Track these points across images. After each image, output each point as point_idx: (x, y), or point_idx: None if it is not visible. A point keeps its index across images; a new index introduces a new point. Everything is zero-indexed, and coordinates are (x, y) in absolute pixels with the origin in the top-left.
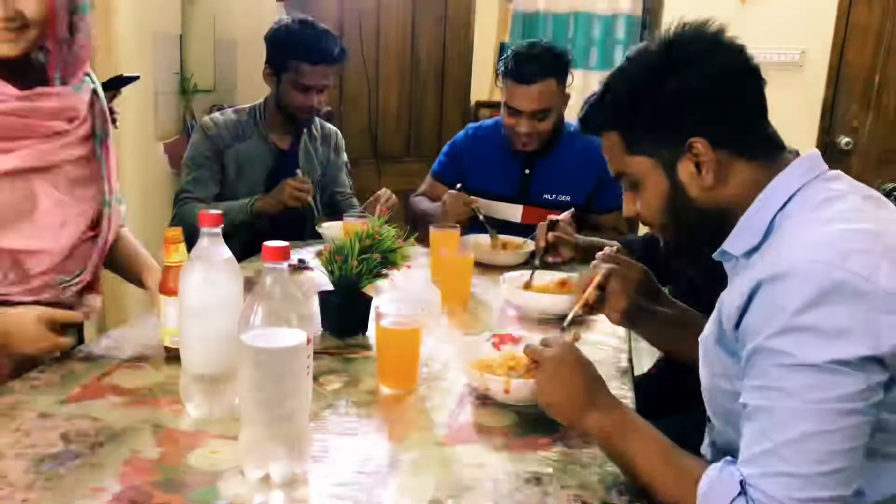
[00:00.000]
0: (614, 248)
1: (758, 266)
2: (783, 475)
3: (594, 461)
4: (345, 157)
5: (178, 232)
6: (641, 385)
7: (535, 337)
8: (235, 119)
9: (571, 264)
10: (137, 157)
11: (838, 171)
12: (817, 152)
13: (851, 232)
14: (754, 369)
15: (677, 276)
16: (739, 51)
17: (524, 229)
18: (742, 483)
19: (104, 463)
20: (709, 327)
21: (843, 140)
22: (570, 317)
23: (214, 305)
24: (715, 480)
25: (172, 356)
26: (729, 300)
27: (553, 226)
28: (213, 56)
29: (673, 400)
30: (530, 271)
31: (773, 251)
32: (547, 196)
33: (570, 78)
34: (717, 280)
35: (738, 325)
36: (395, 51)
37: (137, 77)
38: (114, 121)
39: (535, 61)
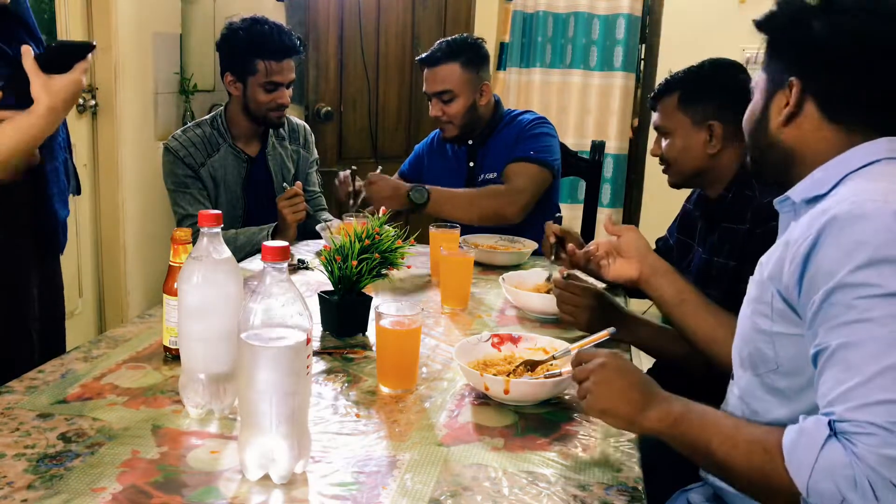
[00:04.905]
0: (565, 274)
1: (824, 206)
2: (883, 403)
3: (593, 461)
4: (315, 153)
5: (186, 233)
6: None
7: (537, 337)
8: (201, 133)
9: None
10: (137, 157)
11: None
12: None
13: None
14: (834, 308)
15: None
16: None
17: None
18: (830, 424)
19: (104, 463)
20: (766, 266)
21: None
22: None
23: (214, 305)
24: (798, 432)
25: (172, 356)
26: (795, 240)
27: (558, 221)
28: (213, 56)
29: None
30: (548, 273)
31: (844, 193)
32: (482, 177)
33: (486, 68)
34: (705, 287)
35: (805, 263)
36: (395, 51)
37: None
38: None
39: (441, 47)
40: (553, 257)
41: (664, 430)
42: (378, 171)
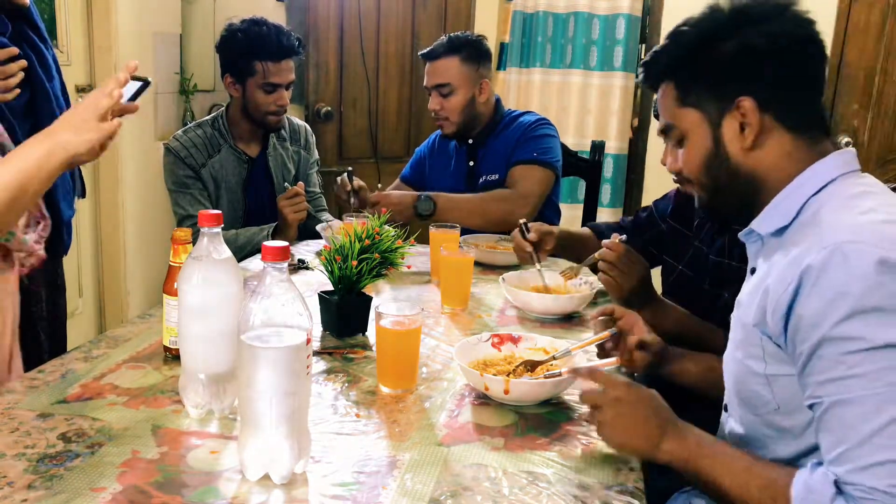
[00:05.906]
0: (622, 238)
1: (798, 248)
2: (880, 464)
3: (593, 461)
4: (316, 154)
5: (187, 233)
6: (641, 385)
7: (537, 337)
8: (202, 134)
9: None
10: (137, 157)
11: (867, 173)
12: (854, 151)
13: (891, 224)
14: (822, 361)
15: (666, 271)
16: (808, 22)
17: None
18: (836, 483)
19: (104, 463)
20: (746, 310)
21: (843, 140)
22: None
23: (214, 305)
24: (806, 488)
25: (172, 356)
26: (773, 289)
27: (526, 227)
28: (213, 56)
29: (673, 398)
30: (539, 275)
31: (815, 234)
32: (483, 178)
33: (486, 65)
34: (703, 273)
35: (788, 313)
36: (395, 51)
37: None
38: None
39: (442, 41)
40: (538, 264)
41: (677, 465)
42: (379, 187)
